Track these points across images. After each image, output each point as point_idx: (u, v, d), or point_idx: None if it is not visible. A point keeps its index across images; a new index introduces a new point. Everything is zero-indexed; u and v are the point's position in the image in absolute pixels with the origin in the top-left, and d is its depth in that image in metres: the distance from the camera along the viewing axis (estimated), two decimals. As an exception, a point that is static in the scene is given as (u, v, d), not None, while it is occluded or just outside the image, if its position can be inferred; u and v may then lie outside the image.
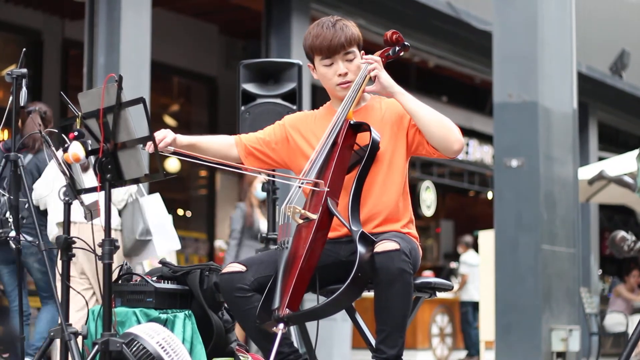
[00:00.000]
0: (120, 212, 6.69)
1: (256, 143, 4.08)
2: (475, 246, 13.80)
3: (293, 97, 5.74)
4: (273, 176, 4.08)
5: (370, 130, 3.85)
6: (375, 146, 3.85)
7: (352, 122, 3.90)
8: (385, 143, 3.92)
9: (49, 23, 13.22)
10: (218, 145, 4.07)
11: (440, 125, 3.85)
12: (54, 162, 4.50)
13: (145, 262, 8.63)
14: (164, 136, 3.90)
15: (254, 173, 4.08)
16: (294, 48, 10.88)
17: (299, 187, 3.83)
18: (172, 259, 8.78)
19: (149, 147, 3.86)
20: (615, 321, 12.57)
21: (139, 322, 4.32)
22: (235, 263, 3.88)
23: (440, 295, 4.21)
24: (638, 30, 17.49)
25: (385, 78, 3.92)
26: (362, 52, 4.06)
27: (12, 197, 4.53)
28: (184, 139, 3.97)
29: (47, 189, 6.31)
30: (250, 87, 5.75)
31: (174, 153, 3.91)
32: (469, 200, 21.98)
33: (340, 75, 3.98)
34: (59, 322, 4.21)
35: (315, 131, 4.01)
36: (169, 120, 15.54)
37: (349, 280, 3.56)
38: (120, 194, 6.57)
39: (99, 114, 4.07)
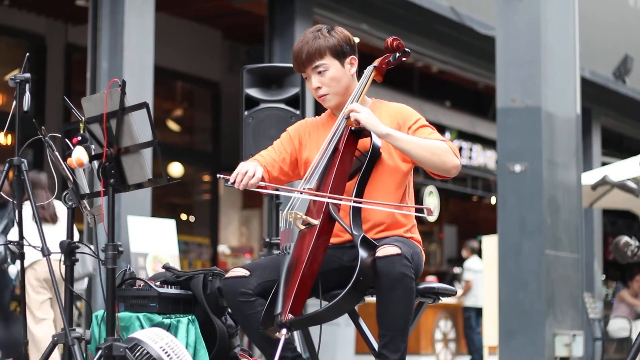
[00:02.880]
0: None
1: (275, 165, 4.02)
2: (479, 251, 13.79)
3: (296, 102, 5.74)
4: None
5: (371, 136, 3.85)
6: (375, 152, 3.85)
7: (353, 129, 3.90)
8: (387, 149, 3.92)
9: (53, 28, 13.25)
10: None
11: (433, 156, 3.82)
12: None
13: (149, 266, 8.69)
14: (254, 172, 3.80)
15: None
16: (297, 53, 10.86)
17: (301, 193, 3.82)
18: (176, 264, 8.80)
19: (238, 184, 3.77)
20: (618, 326, 12.56)
21: (142, 327, 4.32)
22: (239, 268, 3.88)
23: (443, 300, 4.21)
24: (641, 35, 17.50)
25: (367, 122, 3.82)
26: (353, 57, 4.01)
27: (15, 202, 4.52)
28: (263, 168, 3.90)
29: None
30: (253, 92, 5.75)
31: (258, 188, 3.82)
32: (472, 205, 21.97)
33: (314, 89, 3.98)
34: (63, 326, 4.22)
35: (318, 138, 4.01)
36: (172, 125, 15.56)
37: (350, 285, 3.56)
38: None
39: (102, 118, 4.07)
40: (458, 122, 17.08)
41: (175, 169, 14.95)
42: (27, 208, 4.63)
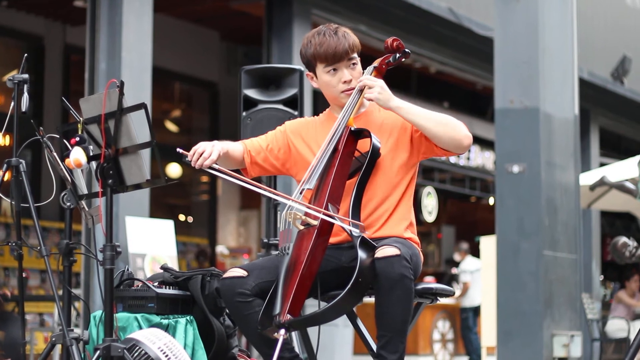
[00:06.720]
0: None
1: (261, 152, 4.05)
2: (475, 252, 13.79)
3: (294, 103, 5.74)
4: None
5: (370, 137, 3.85)
6: (375, 152, 3.85)
7: (352, 129, 3.90)
8: (386, 149, 3.92)
9: (51, 29, 13.24)
10: (237, 154, 4.00)
11: (444, 126, 3.84)
12: None
13: (147, 267, 8.69)
14: (210, 153, 3.78)
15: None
16: (295, 54, 10.88)
17: (300, 192, 3.82)
18: (174, 265, 8.80)
19: (194, 162, 3.75)
20: (616, 327, 12.56)
21: (140, 328, 4.32)
22: (237, 268, 3.88)
23: (441, 300, 4.21)
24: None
25: (379, 97, 3.89)
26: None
27: (14, 203, 4.52)
28: (221, 151, 3.85)
29: None
30: (251, 93, 5.74)
31: (211, 168, 3.78)
32: (470, 206, 21.97)
33: (345, 82, 3.98)
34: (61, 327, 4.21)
35: (317, 138, 4.01)
36: (170, 125, 15.55)
37: (349, 286, 3.56)
38: None
39: (100, 119, 4.07)
40: (456, 124, 17.05)
41: (174, 170, 14.95)
42: None
